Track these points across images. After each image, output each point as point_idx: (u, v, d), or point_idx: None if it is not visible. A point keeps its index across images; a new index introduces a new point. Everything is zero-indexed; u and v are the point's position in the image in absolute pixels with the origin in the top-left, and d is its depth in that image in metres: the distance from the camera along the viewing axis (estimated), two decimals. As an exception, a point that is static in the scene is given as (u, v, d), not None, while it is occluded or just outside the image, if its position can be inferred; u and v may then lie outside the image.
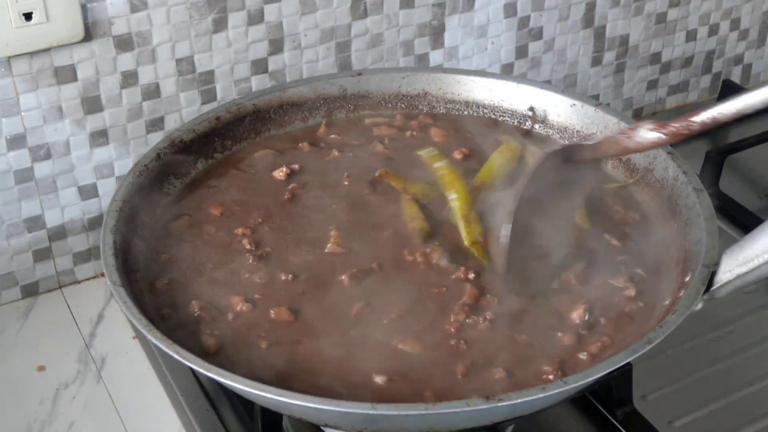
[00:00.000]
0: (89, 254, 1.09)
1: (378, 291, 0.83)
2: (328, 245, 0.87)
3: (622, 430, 0.88)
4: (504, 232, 0.82)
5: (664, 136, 0.83)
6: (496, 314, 0.81)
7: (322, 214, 0.92)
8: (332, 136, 1.03)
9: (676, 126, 0.82)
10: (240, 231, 0.89)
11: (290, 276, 0.84)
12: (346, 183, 0.95)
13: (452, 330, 0.80)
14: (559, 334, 0.80)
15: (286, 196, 0.94)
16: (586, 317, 0.81)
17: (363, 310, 0.81)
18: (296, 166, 0.98)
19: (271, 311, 0.81)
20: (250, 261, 0.86)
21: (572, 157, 0.88)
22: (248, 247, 0.87)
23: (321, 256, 0.87)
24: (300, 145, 1.01)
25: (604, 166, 0.99)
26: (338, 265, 0.86)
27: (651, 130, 0.83)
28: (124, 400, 0.94)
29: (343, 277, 0.84)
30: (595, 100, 1.27)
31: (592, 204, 0.92)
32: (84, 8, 0.96)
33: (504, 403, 0.69)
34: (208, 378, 0.76)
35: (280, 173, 0.97)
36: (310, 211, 0.92)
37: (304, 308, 0.82)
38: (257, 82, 1.09)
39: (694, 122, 0.81)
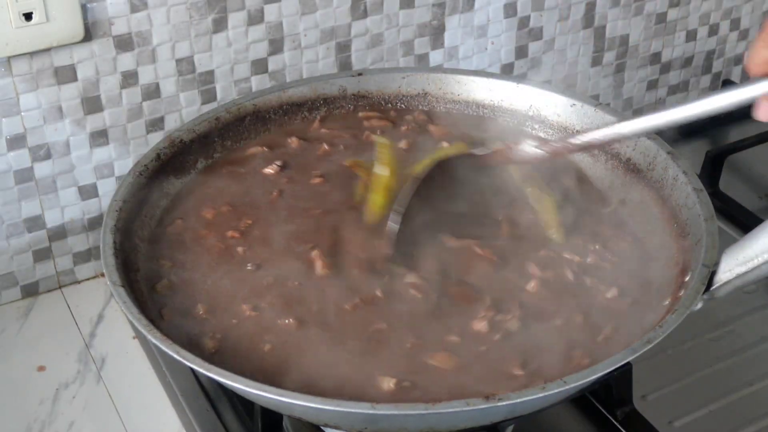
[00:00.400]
0: (89, 254, 1.09)
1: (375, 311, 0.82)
2: (317, 268, 0.85)
3: (622, 430, 0.88)
4: (391, 223, 0.85)
5: (544, 153, 0.88)
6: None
7: (308, 219, 0.91)
8: (323, 130, 1.03)
9: (556, 145, 0.88)
10: (230, 234, 0.89)
11: (291, 285, 0.84)
12: (325, 180, 0.95)
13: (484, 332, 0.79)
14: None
15: (273, 194, 0.93)
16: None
17: (374, 331, 0.80)
18: (280, 162, 0.97)
19: (279, 321, 0.81)
20: (249, 268, 0.86)
21: (468, 164, 0.91)
22: (241, 253, 0.87)
23: (310, 278, 0.85)
24: (289, 140, 1.01)
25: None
26: (326, 287, 0.84)
27: (533, 146, 0.89)
28: (124, 400, 0.94)
29: (347, 306, 0.82)
30: (595, 100, 1.27)
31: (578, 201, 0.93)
32: (84, 8, 0.96)
33: (504, 403, 0.69)
34: (208, 378, 0.76)
35: (269, 170, 0.96)
36: (297, 215, 0.91)
37: (303, 319, 0.81)
38: (257, 82, 1.09)
39: (572, 143, 0.87)
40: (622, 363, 0.72)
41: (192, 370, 0.92)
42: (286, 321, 0.80)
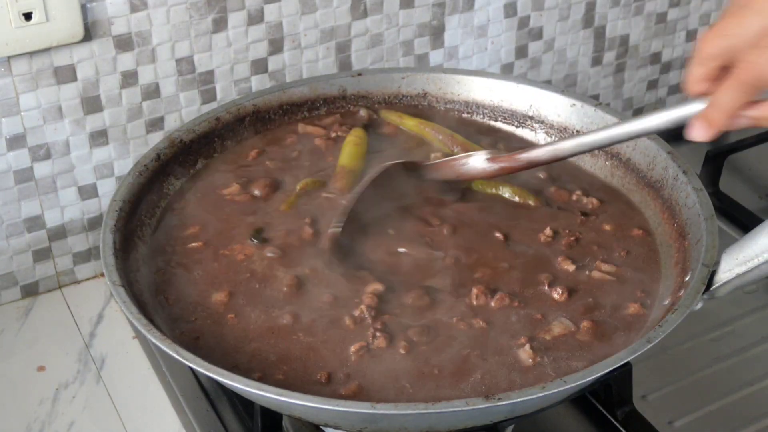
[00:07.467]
0: (89, 254, 1.09)
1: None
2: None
3: (622, 430, 0.88)
4: (334, 225, 0.87)
5: (493, 168, 0.90)
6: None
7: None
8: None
9: (504, 162, 0.89)
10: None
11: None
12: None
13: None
14: None
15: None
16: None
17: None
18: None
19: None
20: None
21: (416, 172, 0.93)
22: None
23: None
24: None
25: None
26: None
27: (486, 160, 0.90)
28: (124, 400, 0.94)
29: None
30: (595, 100, 1.27)
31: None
32: (84, 8, 0.96)
33: (504, 403, 0.69)
34: (208, 378, 0.77)
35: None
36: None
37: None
38: (257, 82, 1.09)
39: (518, 159, 0.88)
40: (622, 363, 0.72)
41: (192, 370, 0.92)
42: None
